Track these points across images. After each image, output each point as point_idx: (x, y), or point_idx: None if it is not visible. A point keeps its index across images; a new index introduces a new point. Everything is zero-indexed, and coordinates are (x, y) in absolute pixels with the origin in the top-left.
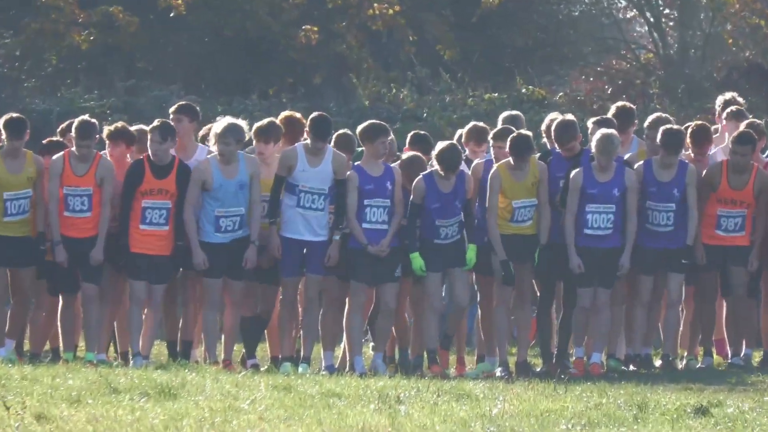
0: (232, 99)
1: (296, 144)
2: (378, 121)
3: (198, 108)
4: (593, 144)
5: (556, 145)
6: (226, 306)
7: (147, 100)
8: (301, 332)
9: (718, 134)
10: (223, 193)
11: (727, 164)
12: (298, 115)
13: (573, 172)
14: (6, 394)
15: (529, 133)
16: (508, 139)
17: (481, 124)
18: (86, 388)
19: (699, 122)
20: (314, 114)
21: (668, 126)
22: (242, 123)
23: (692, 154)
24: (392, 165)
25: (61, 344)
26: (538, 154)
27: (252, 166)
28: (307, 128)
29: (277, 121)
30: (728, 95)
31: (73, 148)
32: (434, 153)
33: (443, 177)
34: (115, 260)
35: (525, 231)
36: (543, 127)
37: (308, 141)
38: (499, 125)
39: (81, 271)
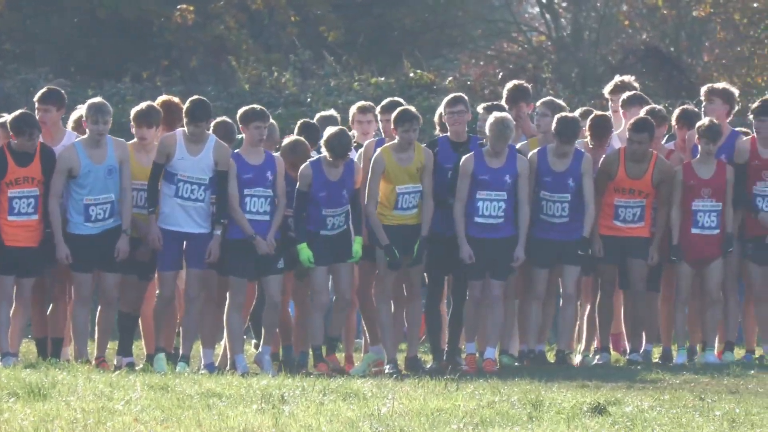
0: (103, 83)
1: (176, 130)
2: (255, 106)
3: (64, 93)
4: (486, 129)
5: (448, 134)
6: (99, 301)
7: (14, 83)
8: (181, 330)
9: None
10: (92, 180)
11: (624, 152)
12: (176, 99)
13: (463, 158)
14: None
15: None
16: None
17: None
18: None
19: (599, 113)
20: (192, 98)
21: (562, 114)
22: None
23: (590, 145)
24: (274, 153)
25: None
26: (424, 144)
27: (121, 151)
28: (183, 113)
29: (156, 105)
30: (619, 79)
31: None
32: (322, 139)
33: (331, 164)
34: None
35: (409, 221)
36: (436, 117)
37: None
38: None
39: None
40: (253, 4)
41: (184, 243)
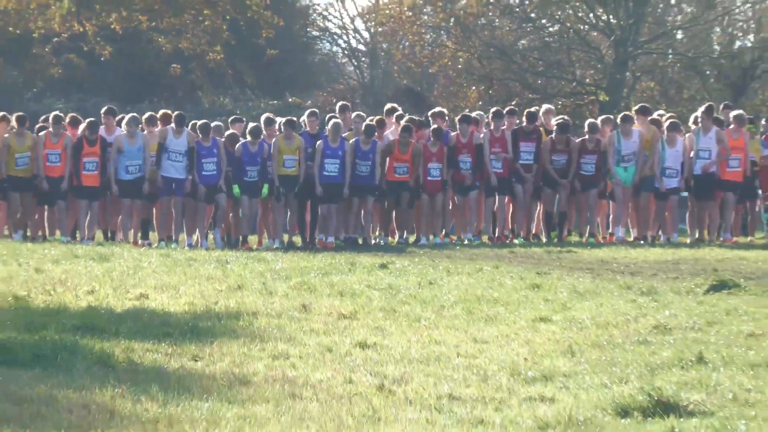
0: (135, 105)
1: (167, 127)
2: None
3: (116, 109)
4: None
5: None
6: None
7: (83, 104)
8: (183, 225)
9: None
10: (129, 154)
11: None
12: (169, 112)
13: (318, 143)
14: None
15: None
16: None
17: None
18: None
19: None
20: (177, 112)
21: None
22: None
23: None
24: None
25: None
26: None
27: (144, 138)
28: (173, 119)
29: (158, 115)
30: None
31: None
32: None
33: (250, 143)
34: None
35: (291, 173)
36: (301, 120)
37: None
38: None
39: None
40: (209, 63)
41: (173, 183)
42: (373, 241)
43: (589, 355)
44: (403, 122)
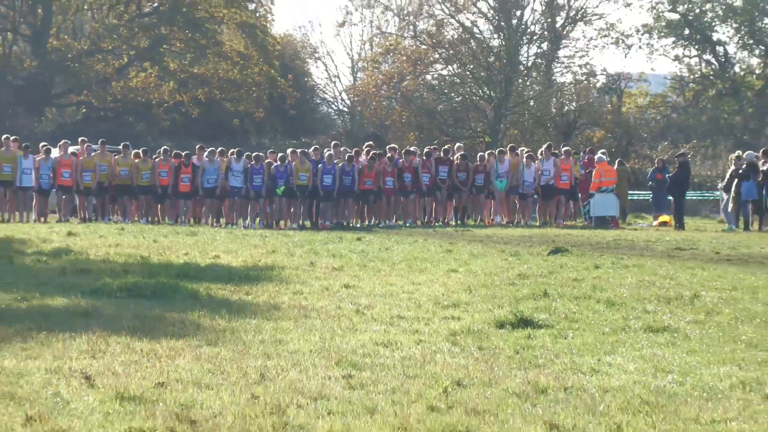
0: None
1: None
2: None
3: (172, 148)
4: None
5: None
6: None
7: (146, 144)
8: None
9: None
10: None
11: None
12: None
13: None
14: None
15: None
16: None
17: None
18: None
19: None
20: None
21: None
22: None
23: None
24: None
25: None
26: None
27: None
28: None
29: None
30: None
31: None
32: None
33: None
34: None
35: (305, 183)
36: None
37: None
38: None
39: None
40: (255, 119)
41: (235, 190)
42: (351, 225)
43: (480, 291)
44: (371, 154)
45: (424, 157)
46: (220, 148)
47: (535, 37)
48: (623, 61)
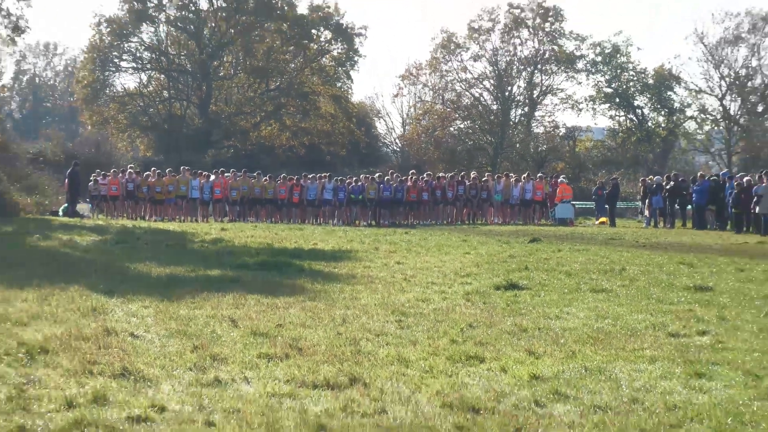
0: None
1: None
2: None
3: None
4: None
5: None
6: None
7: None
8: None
9: None
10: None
11: None
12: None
13: None
14: None
15: None
16: None
17: None
18: None
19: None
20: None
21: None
22: None
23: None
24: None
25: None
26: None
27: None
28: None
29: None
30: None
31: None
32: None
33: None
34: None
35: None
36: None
37: None
38: None
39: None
40: (339, 153)
41: (330, 201)
42: (401, 223)
43: (485, 266)
44: (414, 178)
45: (449, 180)
46: (318, 174)
47: (519, 104)
48: (576, 119)
